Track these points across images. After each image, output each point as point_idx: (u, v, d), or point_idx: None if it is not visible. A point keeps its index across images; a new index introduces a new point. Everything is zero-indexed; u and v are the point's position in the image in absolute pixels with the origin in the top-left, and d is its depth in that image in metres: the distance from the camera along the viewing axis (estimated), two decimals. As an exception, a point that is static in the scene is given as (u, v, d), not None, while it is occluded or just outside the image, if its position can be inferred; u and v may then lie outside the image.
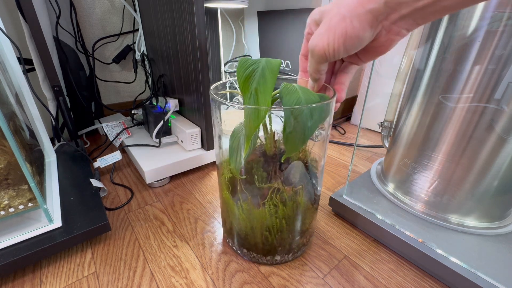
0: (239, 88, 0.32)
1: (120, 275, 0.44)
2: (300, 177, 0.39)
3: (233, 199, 0.41)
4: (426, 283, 0.44)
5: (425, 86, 0.47)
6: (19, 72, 0.56)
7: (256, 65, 0.31)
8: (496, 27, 0.37)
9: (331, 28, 0.24)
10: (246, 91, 0.31)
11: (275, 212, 0.39)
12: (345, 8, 0.23)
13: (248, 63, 0.32)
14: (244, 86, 0.31)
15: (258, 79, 0.30)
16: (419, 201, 0.52)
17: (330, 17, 0.24)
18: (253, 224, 0.41)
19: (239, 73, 0.31)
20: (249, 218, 0.41)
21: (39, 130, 0.62)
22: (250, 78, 0.31)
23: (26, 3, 0.54)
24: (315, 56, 0.27)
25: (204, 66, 0.61)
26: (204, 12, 0.56)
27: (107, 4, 0.87)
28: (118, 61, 0.93)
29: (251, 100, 0.31)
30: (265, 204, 0.39)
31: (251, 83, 0.31)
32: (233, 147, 0.35)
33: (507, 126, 0.40)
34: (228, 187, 0.41)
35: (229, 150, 0.36)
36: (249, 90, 0.31)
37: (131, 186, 0.67)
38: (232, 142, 0.36)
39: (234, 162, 0.36)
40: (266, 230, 0.41)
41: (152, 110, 0.75)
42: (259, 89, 0.30)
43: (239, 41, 1.18)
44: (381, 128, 0.71)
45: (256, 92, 0.31)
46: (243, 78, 0.31)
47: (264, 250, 0.44)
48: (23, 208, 0.43)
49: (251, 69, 0.31)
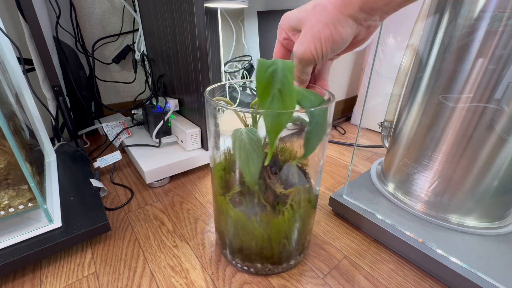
0: (256, 92, 0.30)
1: (120, 275, 0.44)
2: (299, 176, 0.39)
3: (245, 213, 0.38)
4: (426, 283, 0.44)
5: (425, 86, 0.47)
6: (19, 72, 0.55)
7: (275, 66, 0.29)
8: (496, 27, 0.37)
9: (315, 36, 0.26)
10: (267, 94, 0.29)
11: (291, 216, 0.38)
12: (326, 16, 0.25)
13: (268, 64, 0.29)
14: (265, 89, 0.29)
15: (282, 80, 0.28)
16: (419, 201, 0.52)
17: (312, 25, 0.26)
18: (271, 234, 0.39)
19: (261, 74, 0.29)
20: (266, 230, 0.38)
21: (39, 130, 0.62)
22: (273, 79, 0.28)
23: (26, 3, 0.54)
24: (304, 62, 0.29)
25: (204, 66, 0.61)
26: (204, 12, 0.56)
27: (107, 4, 0.87)
28: (118, 61, 0.93)
29: (274, 102, 0.29)
30: (280, 210, 0.37)
31: (273, 84, 0.29)
32: (242, 157, 0.32)
33: (507, 126, 0.40)
34: (239, 202, 0.39)
35: (239, 162, 0.33)
36: (270, 92, 0.29)
37: (131, 186, 0.67)
38: (239, 152, 0.32)
39: (249, 174, 0.33)
40: (284, 237, 0.40)
41: (152, 110, 0.75)
42: (284, 90, 0.28)
43: (239, 41, 1.18)
44: (381, 128, 0.71)
45: (280, 93, 0.29)
46: (265, 79, 0.29)
47: (274, 258, 0.42)
48: (23, 208, 0.43)
49: (272, 69, 0.29)
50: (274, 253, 0.41)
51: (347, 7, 0.24)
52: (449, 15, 0.42)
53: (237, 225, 0.40)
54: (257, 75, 0.28)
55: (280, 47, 0.32)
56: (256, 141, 0.32)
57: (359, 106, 1.14)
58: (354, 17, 0.25)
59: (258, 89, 0.29)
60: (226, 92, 0.87)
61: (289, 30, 0.30)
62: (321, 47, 0.26)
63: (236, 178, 0.37)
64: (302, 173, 0.40)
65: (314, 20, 0.26)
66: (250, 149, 0.32)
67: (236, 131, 0.33)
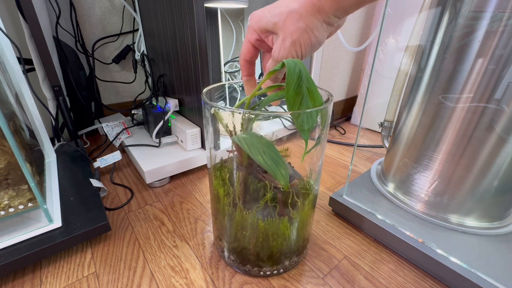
0: (286, 92, 0.29)
1: (120, 275, 0.44)
2: (293, 170, 0.39)
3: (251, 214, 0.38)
4: (426, 283, 0.44)
5: (425, 86, 0.47)
6: (19, 72, 0.55)
7: (298, 66, 0.29)
8: (496, 27, 0.37)
9: (296, 42, 0.28)
10: (298, 93, 0.29)
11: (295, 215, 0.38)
12: (303, 23, 0.27)
13: (293, 64, 0.29)
14: (297, 88, 0.29)
15: (308, 79, 0.29)
16: (419, 201, 0.52)
17: (291, 32, 0.28)
18: (275, 234, 0.39)
19: (292, 74, 0.28)
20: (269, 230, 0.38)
21: (39, 130, 0.62)
22: (301, 79, 0.29)
23: (26, 3, 0.54)
24: None
25: (204, 66, 0.61)
26: (204, 12, 0.56)
27: (107, 4, 0.87)
28: (118, 61, 0.93)
29: (305, 100, 0.29)
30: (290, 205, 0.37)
31: (301, 84, 0.29)
32: (268, 164, 0.31)
33: (507, 126, 0.40)
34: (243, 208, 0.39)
35: (266, 167, 0.32)
36: (301, 91, 0.29)
37: (131, 186, 0.67)
38: (263, 160, 0.31)
39: (282, 178, 0.32)
40: (286, 237, 0.40)
41: (152, 110, 0.75)
42: (311, 88, 0.29)
43: (239, 41, 1.17)
44: (381, 128, 0.71)
45: (309, 92, 0.29)
46: (295, 79, 0.28)
47: (272, 259, 0.42)
48: (23, 208, 0.43)
49: (298, 69, 0.29)
50: (274, 253, 0.41)
51: (321, 14, 0.27)
52: (449, 15, 0.42)
53: (237, 226, 0.40)
54: (288, 75, 0.28)
55: (250, 46, 0.33)
56: (270, 145, 0.32)
57: (359, 106, 1.14)
58: (328, 21, 0.27)
59: (289, 90, 0.29)
60: (225, 92, 0.87)
61: (262, 32, 0.31)
62: (300, 51, 0.29)
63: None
64: (293, 168, 0.40)
65: (293, 27, 0.28)
66: (274, 155, 0.32)
67: (243, 139, 0.32)
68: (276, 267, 0.43)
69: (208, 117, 0.37)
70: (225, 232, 0.43)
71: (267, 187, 0.37)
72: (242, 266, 0.44)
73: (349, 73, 1.18)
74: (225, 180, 0.39)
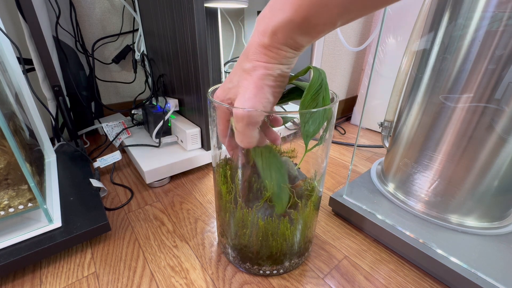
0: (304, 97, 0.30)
1: (120, 275, 0.44)
2: (298, 171, 0.39)
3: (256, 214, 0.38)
4: (426, 283, 0.44)
5: (425, 86, 0.47)
6: (19, 72, 0.55)
7: (322, 75, 0.31)
8: (496, 27, 0.37)
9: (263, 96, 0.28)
10: (315, 101, 0.31)
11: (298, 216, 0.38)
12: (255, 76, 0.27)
13: (319, 71, 0.31)
14: (314, 96, 0.30)
15: (326, 88, 0.31)
16: (419, 201, 0.52)
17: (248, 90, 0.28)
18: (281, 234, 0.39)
19: (316, 82, 0.30)
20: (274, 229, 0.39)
21: (39, 130, 0.62)
22: (320, 88, 0.30)
23: (26, 3, 0.54)
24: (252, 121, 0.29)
25: (204, 66, 0.61)
26: (204, 12, 0.56)
27: (107, 4, 0.87)
28: (118, 61, 0.93)
29: (318, 108, 0.31)
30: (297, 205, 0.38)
31: (320, 92, 0.30)
32: (274, 188, 0.34)
33: (507, 126, 0.40)
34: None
35: (270, 190, 0.34)
36: (317, 99, 0.31)
37: (131, 186, 0.67)
38: (269, 181, 0.34)
39: (280, 205, 0.34)
40: (288, 237, 0.40)
41: (152, 110, 0.75)
42: (326, 97, 0.31)
43: (239, 41, 1.17)
44: (381, 128, 0.71)
45: (323, 101, 0.31)
46: (315, 87, 0.30)
47: (272, 258, 0.42)
48: (23, 208, 0.43)
49: (321, 78, 0.30)
50: (276, 254, 0.41)
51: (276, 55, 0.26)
52: (449, 15, 0.42)
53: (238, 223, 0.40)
54: (312, 80, 0.29)
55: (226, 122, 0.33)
56: (282, 167, 0.34)
57: (359, 106, 1.14)
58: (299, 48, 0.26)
59: (308, 94, 0.30)
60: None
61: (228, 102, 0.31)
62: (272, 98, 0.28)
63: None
64: (297, 169, 0.40)
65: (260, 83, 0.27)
66: (281, 179, 0.34)
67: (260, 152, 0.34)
68: (276, 267, 0.43)
69: (214, 116, 0.37)
70: (226, 229, 0.43)
71: None
72: (242, 264, 0.44)
73: (349, 73, 1.18)
74: (228, 178, 0.39)
